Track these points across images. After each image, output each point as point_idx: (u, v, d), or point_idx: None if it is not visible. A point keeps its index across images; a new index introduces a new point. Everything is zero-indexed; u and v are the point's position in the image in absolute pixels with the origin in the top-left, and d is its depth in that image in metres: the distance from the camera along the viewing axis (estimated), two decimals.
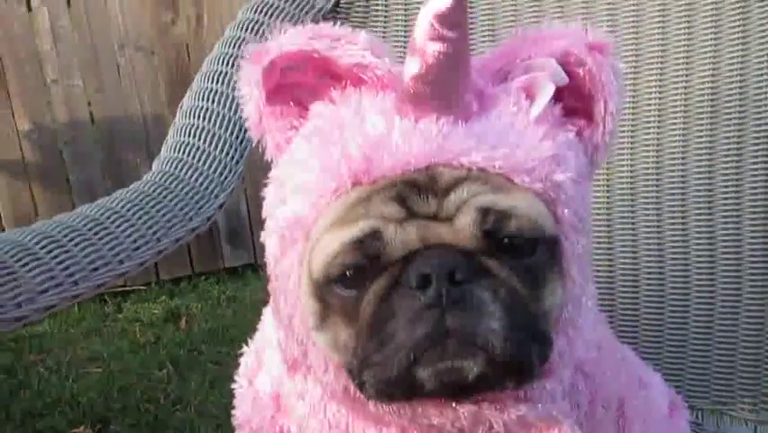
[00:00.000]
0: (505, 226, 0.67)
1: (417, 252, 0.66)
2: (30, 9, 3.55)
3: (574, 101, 0.74)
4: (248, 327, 3.31)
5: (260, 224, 0.77)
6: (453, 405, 0.71)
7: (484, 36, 1.37)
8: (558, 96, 0.73)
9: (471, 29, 1.37)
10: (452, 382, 0.66)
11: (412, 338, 0.64)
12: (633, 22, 1.29)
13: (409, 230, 0.67)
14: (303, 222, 0.70)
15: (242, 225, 3.85)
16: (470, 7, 1.38)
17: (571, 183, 0.70)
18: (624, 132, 1.28)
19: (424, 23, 0.63)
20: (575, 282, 0.71)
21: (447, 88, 0.67)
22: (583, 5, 1.32)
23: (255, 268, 3.90)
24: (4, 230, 3.71)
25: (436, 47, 0.63)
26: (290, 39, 0.70)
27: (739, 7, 1.21)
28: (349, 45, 0.70)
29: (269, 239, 0.74)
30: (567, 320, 0.72)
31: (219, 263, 3.92)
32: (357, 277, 0.68)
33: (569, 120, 0.74)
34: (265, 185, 0.76)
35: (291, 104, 0.75)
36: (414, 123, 0.68)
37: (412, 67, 0.65)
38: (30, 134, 3.64)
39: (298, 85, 0.74)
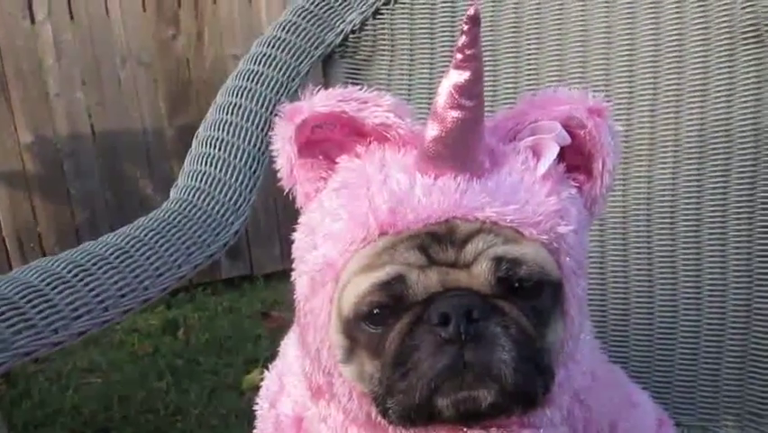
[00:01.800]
0: (517, 272, 0.75)
1: (438, 294, 0.75)
2: (33, 23, 3.60)
3: (576, 159, 0.83)
4: (245, 338, 3.36)
5: (257, 237, 0.85)
6: (465, 430, 0.79)
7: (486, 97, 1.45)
8: (561, 154, 0.81)
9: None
10: (468, 410, 0.74)
11: (433, 369, 0.73)
12: (626, 67, 1.37)
13: (431, 275, 0.75)
14: (333, 266, 0.78)
15: (240, 237, 3.90)
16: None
17: (572, 234, 0.79)
18: (617, 171, 1.36)
19: (444, 92, 0.72)
20: (574, 321, 0.80)
21: (463, 150, 0.75)
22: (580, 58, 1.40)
23: (252, 279, 3.96)
24: (4, 240, 3.75)
25: (455, 114, 0.72)
26: (322, 101, 0.78)
27: (726, 56, 1.30)
28: (375, 107, 0.78)
29: (300, 279, 0.82)
30: (567, 355, 0.81)
31: (216, 275, 3.96)
32: (383, 316, 0.76)
33: (571, 176, 0.83)
34: (263, 203, 0.84)
35: (320, 157, 0.83)
36: (433, 180, 0.76)
37: (432, 130, 0.74)
38: (31, 146, 3.69)
39: (327, 140, 0.82)
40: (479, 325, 0.73)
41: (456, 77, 0.71)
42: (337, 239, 0.78)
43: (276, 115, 0.80)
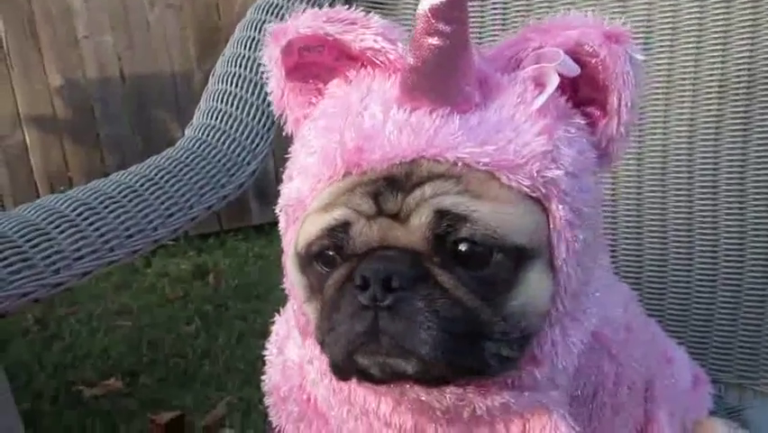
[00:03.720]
0: (457, 231, 0.66)
1: (374, 250, 0.68)
2: None
3: (591, 91, 0.73)
4: (274, 284, 3.36)
5: None
6: (441, 388, 0.72)
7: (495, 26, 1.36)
8: (574, 86, 0.72)
9: (481, 21, 1.36)
10: (394, 374, 0.67)
11: (350, 332, 0.67)
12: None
13: (374, 228, 0.68)
14: (303, 202, 0.73)
15: (270, 182, 3.87)
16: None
17: (567, 179, 0.69)
18: (658, 108, 1.27)
19: (420, 15, 0.64)
20: (570, 277, 0.70)
21: (444, 81, 0.67)
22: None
23: None
24: (36, 185, 3.77)
25: (431, 41, 0.64)
26: (305, 21, 0.71)
27: None
28: (362, 29, 0.71)
29: (280, 213, 0.78)
30: (561, 313, 0.71)
31: (247, 220, 3.96)
32: (331, 258, 0.71)
33: (582, 110, 0.73)
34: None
35: (311, 81, 0.76)
36: (408, 115, 0.68)
37: (410, 59, 0.66)
38: (61, 90, 3.67)
39: (317, 65, 0.75)
40: (398, 294, 0.65)
41: None
42: (308, 174, 0.72)
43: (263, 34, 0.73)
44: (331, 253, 0.70)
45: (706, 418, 1.05)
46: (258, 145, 1.28)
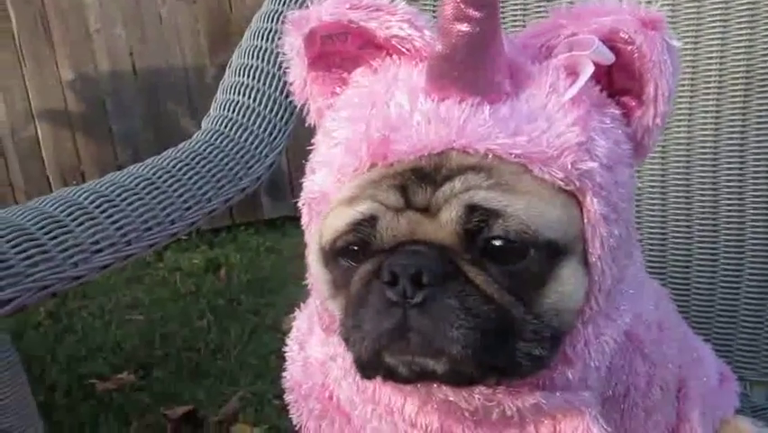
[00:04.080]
0: (490, 227, 0.64)
1: (403, 244, 0.66)
2: None
3: (626, 81, 0.71)
4: (286, 279, 3.34)
5: (300, 176, 0.78)
6: (462, 391, 0.70)
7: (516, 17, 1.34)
8: (608, 75, 0.70)
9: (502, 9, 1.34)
10: (422, 373, 0.65)
11: (377, 329, 0.64)
12: None
13: (402, 222, 0.66)
14: (327, 195, 0.71)
15: (282, 177, 3.86)
16: None
17: (602, 171, 0.67)
18: (682, 101, 1.25)
19: (448, 1, 0.61)
20: (604, 274, 0.68)
21: (474, 70, 0.64)
22: None
23: (294, 220, 3.92)
24: (48, 179, 3.77)
25: (461, 27, 0.61)
26: (328, 8, 0.69)
27: None
28: (387, 16, 0.68)
29: (303, 207, 0.75)
30: (594, 311, 0.69)
31: (259, 215, 3.95)
32: (357, 253, 0.68)
33: (617, 100, 0.71)
34: (307, 139, 0.76)
35: (333, 71, 0.74)
36: (437, 105, 0.66)
37: (438, 46, 0.64)
38: (73, 84, 3.67)
39: (340, 53, 0.73)
40: (429, 290, 0.63)
41: None
42: (331, 166, 0.70)
43: (284, 23, 0.71)
44: (356, 248, 0.68)
45: (732, 416, 1.03)
46: (276, 138, 1.26)
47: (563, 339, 0.69)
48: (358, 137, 0.68)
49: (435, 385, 0.70)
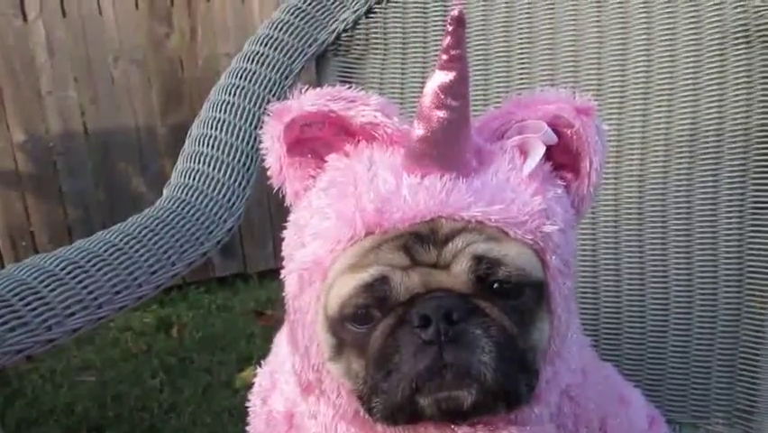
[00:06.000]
0: (495, 272, 0.76)
1: (420, 295, 0.76)
2: (26, 21, 3.59)
3: (563, 157, 0.84)
4: (238, 336, 3.36)
5: (251, 235, 0.86)
6: (453, 427, 0.80)
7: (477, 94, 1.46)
8: (548, 153, 0.82)
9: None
10: (450, 409, 0.75)
11: (414, 370, 0.74)
12: (618, 67, 1.38)
13: (413, 276, 0.76)
14: (321, 265, 0.79)
15: (233, 236, 3.88)
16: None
17: (558, 233, 0.79)
18: (609, 168, 1.37)
19: (430, 93, 0.73)
20: (561, 320, 0.81)
21: (450, 149, 0.76)
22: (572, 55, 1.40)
23: (245, 278, 3.96)
24: None
25: (441, 114, 0.73)
26: (311, 100, 0.79)
27: (717, 56, 1.30)
28: (363, 106, 0.79)
29: (289, 277, 0.83)
30: (553, 352, 0.81)
31: (209, 273, 3.96)
32: (368, 315, 0.78)
33: (558, 174, 0.84)
34: (256, 201, 0.85)
35: (309, 156, 0.84)
36: (420, 180, 0.77)
37: (419, 130, 0.75)
38: (24, 145, 3.68)
39: (316, 139, 0.83)
40: (458, 326, 0.73)
41: (441, 77, 0.73)
42: (325, 238, 0.78)
43: (265, 113, 0.80)
44: (362, 312, 0.77)
45: None
46: (234, 204, 1.34)
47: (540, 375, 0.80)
48: (350, 210, 0.77)
49: (422, 430, 0.80)
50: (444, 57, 0.72)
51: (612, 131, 1.37)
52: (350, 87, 0.81)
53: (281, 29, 1.46)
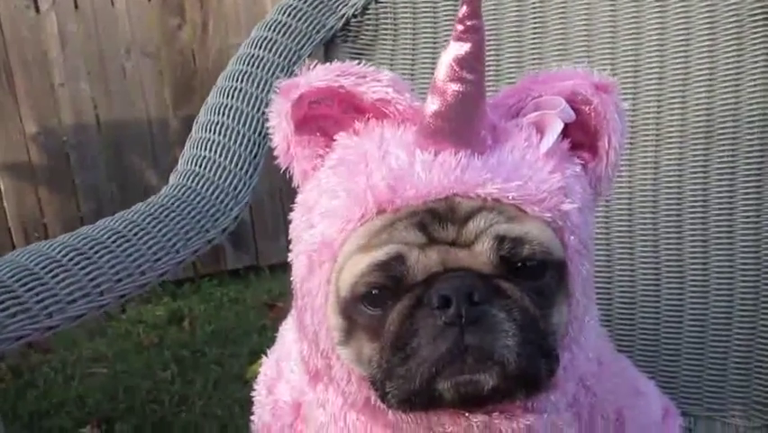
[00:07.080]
0: (519, 252, 0.73)
1: (438, 274, 0.72)
2: (38, 13, 3.59)
3: (581, 136, 0.80)
4: (250, 329, 3.35)
5: (263, 227, 0.83)
6: (467, 415, 0.77)
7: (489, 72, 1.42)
8: (565, 131, 0.79)
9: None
10: (469, 393, 0.72)
11: (434, 354, 0.71)
12: (632, 51, 1.34)
13: (431, 255, 0.73)
14: (330, 245, 0.76)
15: (245, 227, 3.89)
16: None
17: (577, 212, 0.76)
18: (623, 156, 1.33)
19: (445, 65, 0.70)
20: (579, 303, 0.77)
21: (464, 125, 0.73)
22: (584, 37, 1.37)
23: (257, 270, 3.95)
24: (9, 231, 3.75)
25: (456, 87, 0.70)
26: (319, 75, 0.76)
27: (734, 39, 1.27)
28: (373, 82, 0.76)
29: (297, 259, 0.80)
30: (571, 338, 0.78)
31: (222, 265, 3.96)
32: (382, 296, 0.74)
33: (575, 153, 0.80)
34: (268, 194, 0.82)
35: (318, 134, 0.81)
36: (434, 156, 0.73)
37: (432, 104, 0.72)
38: (37, 137, 3.69)
39: (324, 117, 0.80)
40: (480, 308, 0.70)
41: (457, 48, 0.69)
42: (334, 217, 0.75)
43: (273, 91, 0.77)
44: (376, 292, 0.74)
45: None
46: (240, 191, 1.32)
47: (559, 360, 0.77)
48: (361, 188, 0.74)
49: (435, 418, 0.77)
50: (460, 27, 0.69)
51: (626, 118, 1.34)
52: (359, 64, 0.78)
53: (290, 14, 1.44)
